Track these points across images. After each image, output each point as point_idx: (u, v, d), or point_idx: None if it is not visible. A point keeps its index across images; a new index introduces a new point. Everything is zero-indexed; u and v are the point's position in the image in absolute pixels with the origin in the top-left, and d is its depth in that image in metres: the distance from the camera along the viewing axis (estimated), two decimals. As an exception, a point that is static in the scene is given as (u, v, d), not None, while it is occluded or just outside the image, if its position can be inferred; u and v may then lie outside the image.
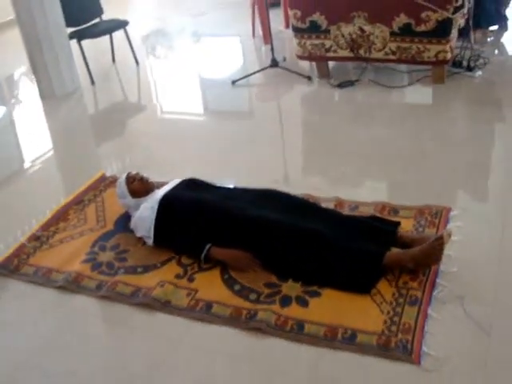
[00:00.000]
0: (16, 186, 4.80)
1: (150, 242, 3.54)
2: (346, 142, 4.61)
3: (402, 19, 5.16)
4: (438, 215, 3.43)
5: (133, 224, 3.68)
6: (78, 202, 4.24)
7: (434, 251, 2.93)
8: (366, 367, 2.54)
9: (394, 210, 3.56)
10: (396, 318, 2.75)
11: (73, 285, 3.36)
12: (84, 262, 3.55)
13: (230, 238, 3.32)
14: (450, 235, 3.00)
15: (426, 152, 4.23)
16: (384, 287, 2.95)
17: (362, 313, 2.82)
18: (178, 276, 3.30)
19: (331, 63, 5.90)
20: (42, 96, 6.69)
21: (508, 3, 6.34)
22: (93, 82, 6.89)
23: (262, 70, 6.19)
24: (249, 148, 4.79)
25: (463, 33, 5.50)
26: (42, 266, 3.58)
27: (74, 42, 6.67)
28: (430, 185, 3.78)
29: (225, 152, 4.70)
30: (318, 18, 5.53)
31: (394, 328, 2.70)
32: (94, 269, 3.48)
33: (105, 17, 7.38)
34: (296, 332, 2.78)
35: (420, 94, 5.35)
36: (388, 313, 2.80)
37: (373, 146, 4.44)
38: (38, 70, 6.56)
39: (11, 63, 8.37)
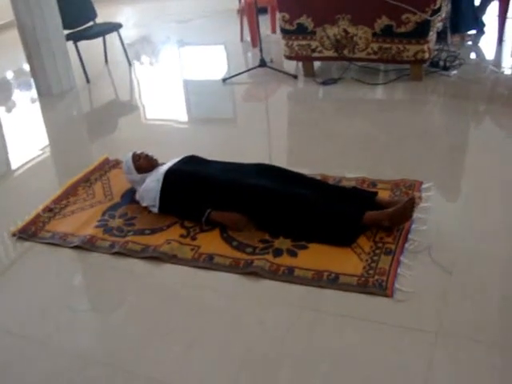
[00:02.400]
0: (17, 175, 5.32)
1: (156, 210, 4.07)
2: (330, 131, 5.15)
3: (383, 21, 5.71)
4: (412, 187, 3.99)
5: (139, 195, 4.20)
6: (86, 181, 4.75)
7: (406, 210, 3.50)
8: (347, 300, 3.10)
9: (373, 183, 4.12)
10: (373, 264, 3.31)
11: (87, 244, 3.88)
12: (96, 227, 4.07)
13: (228, 204, 3.85)
14: (420, 198, 3.61)
15: (403, 138, 4.81)
16: (363, 242, 3.51)
17: (344, 261, 3.38)
18: (182, 236, 3.83)
19: (316, 63, 6.48)
20: (40, 94, 7.22)
21: (485, 10, 6.98)
22: (88, 81, 7.43)
23: (252, 69, 6.76)
24: (239, 138, 5.37)
25: (441, 36, 6.10)
26: (57, 232, 4.09)
27: (69, 44, 7.23)
28: (406, 165, 4.36)
29: (216, 143, 5.22)
30: (305, 20, 6.08)
31: (371, 272, 3.25)
32: (106, 232, 4.00)
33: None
34: (287, 275, 3.33)
35: (399, 90, 5.92)
36: (366, 260, 3.35)
37: (354, 134, 5.01)
38: (36, 69, 7.07)
39: (9, 63, 8.97)
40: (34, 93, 7.29)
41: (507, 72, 6.02)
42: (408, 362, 2.67)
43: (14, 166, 5.42)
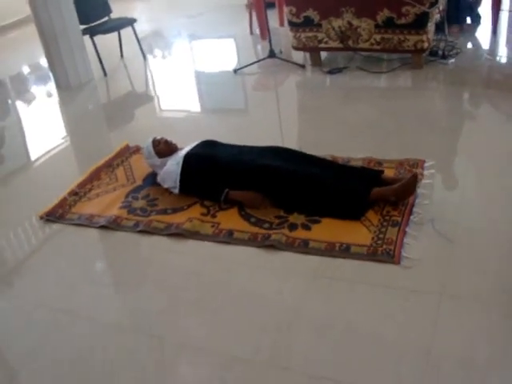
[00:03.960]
0: (41, 163, 5.50)
1: (176, 191, 4.24)
2: (337, 117, 5.31)
3: (385, 13, 5.87)
4: (415, 165, 4.15)
5: (160, 178, 4.36)
6: (108, 166, 4.92)
7: (410, 186, 3.68)
8: (358, 268, 3.28)
9: (379, 163, 4.28)
10: (381, 235, 3.48)
11: (113, 224, 4.04)
12: (121, 208, 4.23)
13: (244, 184, 4.02)
14: (422, 174, 3.81)
15: (405, 122, 4.97)
16: (371, 215, 3.68)
17: (355, 233, 3.54)
18: (202, 214, 3.99)
19: (323, 53, 6.63)
20: (58, 86, 7.40)
21: (480, 2, 7.17)
22: (105, 74, 7.58)
23: (262, 60, 6.93)
24: (252, 124, 5.55)
25: (439, 27, 6.27)
26: (84, 213, 4.26)
27: (86, 39, 7.39)
28: (409, 146, 4.51)
29: (230, 129, 5.40)
30: (311, 13, 6.24)
31: (379, 242, 3.42)
32: (130, 212, 4.16)
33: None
34: (302, 247, 3.50)
35: (401, 78, 6.07)
36: (375, 232, 3.51)
37: (360, 119, 5.16)
38: (55, 62, 7.24)
39: (27, 57, 9.17)
40: (52, 85, 7.47)
41: (501, 60, 6.13)
42: (415, 321, 2.84)
43: (37, 155, 5.61)
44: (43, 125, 6.36)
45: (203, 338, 2.95)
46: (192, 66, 7.86)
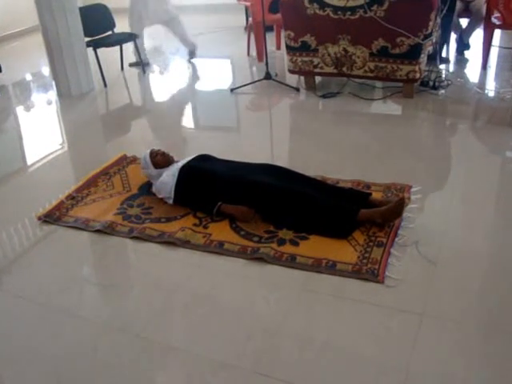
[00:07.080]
0: (39, 168, 5.51)
1: (171, 201, 4.27)
2: (328, 140, 5.36)
3: (379, 42, 5.95)
4: (402, 190, 4.21)
5: (155, 188, 4.40)
6: (105, 174, 4.94)
7: (397, 209, 3.72)
8: (343, 284, 3.31)
9: (367, 186, 4.32)
10: (366, 255, 3.51)
11: (108, 229, 4.06)
12: (116, 215, 4.25)
13: (236, 198, 4.05)
14: (409, 199, 3.85)
15: (395, 148, 5.03)
16: (358, 235, 3.71)
17: (341, 251, 3.58)
18: (195, 224, 4.01)
19: (317, 77, 6.68)
20: (60, 95, 7.44)
21: (471, 33, 7.35)
22: (105, 85, 7.63)
23: (258, 81, 6.99)
24: (244, 141, 5.64)
25: (431, 58, 6.36)
26: (80, 217, 4.28)
27: (89, 50, 7.46)
28: (397, 171, 4.57)
29: (223, 147, 5.41)
30: (309, 38, 6.30)
31: (364, 261, 3.46)
32: (125, 219, 4.19)
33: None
34: (290, 261, 3.54)
35: (392, 106, 6.14)
36: (361, 251, 3.55)
37: (350, 143, 5.21)
38: (58, 72, 7.29)
39: (30, 66, 9.21)
40: (53, 94, 7.53)
41: (489, 94, 6.21)
42: (395, 338, 2.88)
43: (35, 160, 5.62)
44: (43, 131, 6.39)
45: (190, 343, 2.97)
46: (189, 83, 7.91)
